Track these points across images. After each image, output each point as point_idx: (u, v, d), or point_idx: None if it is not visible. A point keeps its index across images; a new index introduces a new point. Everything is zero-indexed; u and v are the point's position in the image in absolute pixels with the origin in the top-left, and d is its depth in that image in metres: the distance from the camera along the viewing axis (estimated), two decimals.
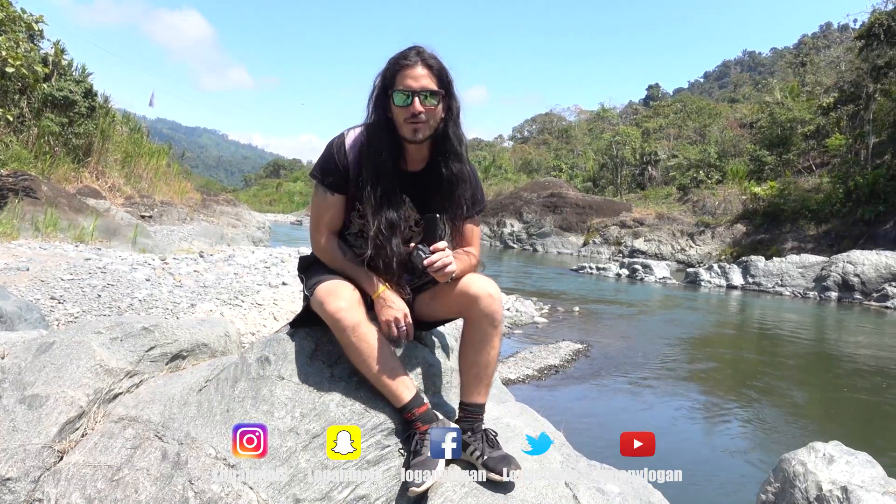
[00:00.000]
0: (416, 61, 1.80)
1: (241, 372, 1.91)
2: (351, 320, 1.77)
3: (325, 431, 1.76)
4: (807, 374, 8.14)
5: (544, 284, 16.59)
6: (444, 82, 1.85)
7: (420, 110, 1.79)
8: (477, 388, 1.94)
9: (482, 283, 1.88)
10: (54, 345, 2.04)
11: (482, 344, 1.91)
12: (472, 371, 1.94)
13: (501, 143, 78.11)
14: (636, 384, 7.02)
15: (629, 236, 30.17)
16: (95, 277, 7.09)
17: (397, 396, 1.83)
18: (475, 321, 1.90)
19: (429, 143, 1.92)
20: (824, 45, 44.03)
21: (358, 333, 1.78)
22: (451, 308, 1.96)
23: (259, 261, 10.26)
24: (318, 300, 1.81)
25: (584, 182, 46.35)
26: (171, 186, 20.15)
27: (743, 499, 4.07)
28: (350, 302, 1.79)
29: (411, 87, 1.79)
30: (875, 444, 5.26)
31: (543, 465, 2.06)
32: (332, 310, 1.77)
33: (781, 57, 73.24)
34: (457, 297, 1.90)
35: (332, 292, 1.81)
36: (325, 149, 1.94)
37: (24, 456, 1.70)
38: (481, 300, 1.85)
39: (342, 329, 1.77)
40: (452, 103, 1.89)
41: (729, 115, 44.33)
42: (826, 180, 25.41)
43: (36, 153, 13.84)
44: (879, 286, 15.69)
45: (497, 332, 1.91)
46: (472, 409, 1.94)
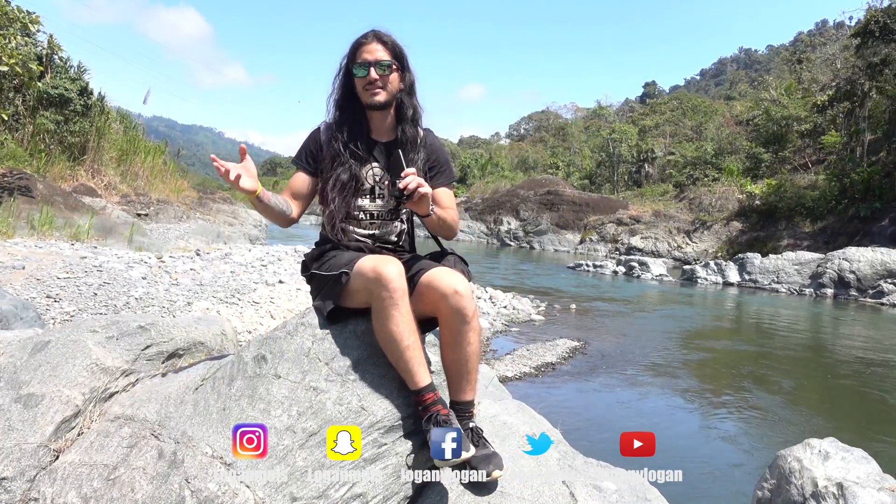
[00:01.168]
0: (371, 39, 2.07)
1: (238, 370, 1.91)
2: (403, 286, 1.81)
3: (321, 430, 1.76)
4: (803, 371, 8.16)
5: (541, 282, 16.60)
6: (398, 56, 2.09)
7: (375, 77, 2.04)
8: (459, 385, 1.95)
9: (449, 279, 1.87)
10: (50, 343, 2.04)
11: (456, 342, 1.90)
12: (453, 369, 1.95)
13: (498, 140, 78.13)
14: (633, 381, 7.04)
15: (626, 234, 30.21)
16: (91, 276, 7.07)
17: (421, 376, 1.83)
18: (446, 319, 1.89)
19: (393, 115, 2.16)
20: (820, 43, 44.05)
21: (406, 301, 1.81)
22: (427, 307, 1.93)
23: (256, 259, 10.25)
24: (370, 267, 1.83)
25: (580, 179, 46.38)
26: (167, 184, 20.08)
27: (739, 495, 4.08)
28: (401, 268, 1.84)
29: (367, 59, 2.04)
30: (871, 440, 5.28)
31: (540, 463, 2.06)
32: (388, 272, 1.79)
33: (777, 54, 73.29)
34: (428, 295, 1.89)
35: (384, 260, 1.86)
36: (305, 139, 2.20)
37: (20, 455, 1.70)
38: (448, 298, 1.84)
39: (394, 290, 1.78)
40: (406, 75, 2.13)
41: (725, 112, 44.37)
42: (822, 177, 25.48)
43: (31, 151, 13.78)
44: (875, 283, 15.75)
45: (470, 327, 1.89)
46: (459, 407, 1.94)
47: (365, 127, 2.14)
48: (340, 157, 2.09)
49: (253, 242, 17.55)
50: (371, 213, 2.14)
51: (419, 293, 1.91)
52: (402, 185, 1.85)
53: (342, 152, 2.09)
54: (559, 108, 75.50)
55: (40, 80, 13.04)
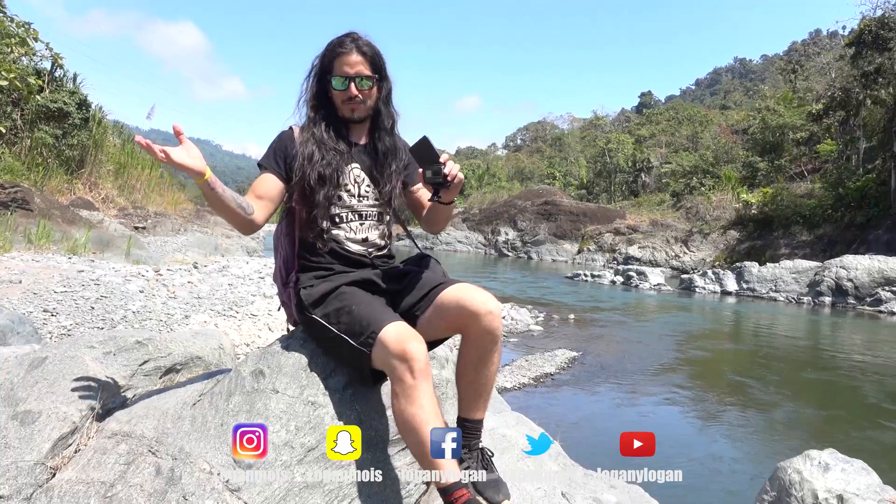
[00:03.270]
0: (351, 48, 1.94)
1: (236, 385, 1.90)
2: (428, 365, 1.64)
3: (320, 445, 1.75)
4: (802, 381, 8.15)
5: (539, 292, 16.59)
6: (378, 66, 1.99)
7: (356, 94, 1.96)
8: (476, 403, 1.88)
9: (482, 299, 1.79)
10: (47, 360, 2.03)
11: (483, 361, 1.83)
12: (472, 388, 1.87)
13: (495, 151, 78.49)
14: (632, 391, 7.02)
15: (623, 243, 30.26)
16: (89, 289, 7.05)
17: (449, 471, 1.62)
18: (476, 338, 1.81)
19: (369, 120, 2.08)
20: (814, 52, 44.37)
21: (427, 385, 1.63)
22: (451, 325, 1.85)
23: (254, 271, 10.22)
24: (394, 341, 1.65)
25: (577, 189, 46.54)
26: (164, 197, 20.09)
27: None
28: (424, 348, 1.67)
29: (347, 73, 1.94)
30: (870, 451, 5.27)
31: (541, 476, 2.05)
32: (414, 351, 1.62)
33: (772, 64, 73.79)
34: (455, 313, 1.81)
35: (410, 334, 1.69)
36: (272, 141, 2.05)
37: (17, 473, 1.68)
38: (482, 317, 1.77)
39: (419, 371, 1.61)
40: (384, 84, 2.04)
41: (721, 121, 44.62)
42: (818, 186, 25.61)
43: (29, 165, 13.78)
44: (873, 291, 15.76)
45: (497, 347, 1.83)
46: (470, 425, 1.87)
47: (342, 128, 2.05)
48: (322, 152, 1.96)
49: (251, 254, 17.52)
50: (360, 213, 2.03)
51: (442, 309, 1.83)
52: (448, 171, 1.75)
53: (323, 148, 1.97)
54: (555, 119, 76.10)
55: (39, 94, 13.07)
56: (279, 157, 1.98)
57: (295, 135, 2.02)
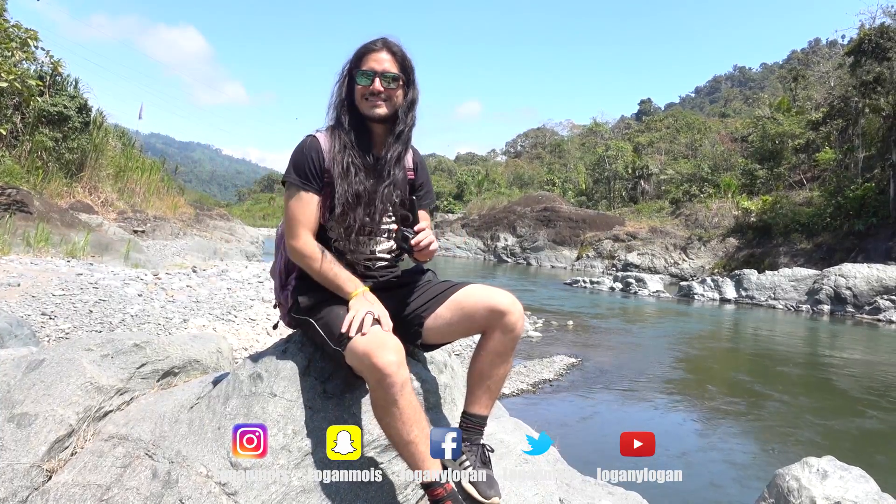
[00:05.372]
0: (381, 47, 1.92)
1: (233, 389, 1.90)
2: (402, 377, 1.61)
3: (317, 448, 1.75)
4: (800, 388, 8.14)
5: (538, 299, 16.58)
6: (406, 69, 1.95)
7: (380, 89, 1.89)
8: (483, 399, 1.92)
9: (509, 299, 1.86)
10: (44, 362, 2.03)
11: (502, 359, 1.89)
12: (485, 384, 1.91)
13: (494, 157, 78.55)
14: (630, 398, 7.01)
15: (622, 250, 30.26)
16: (87, 293, 7.04)
17: (429, 467, 1.67)
18: (500, 336, 1.86)
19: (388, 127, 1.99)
20: (814, 61, 44.53)
21: (405, 393, 1.62)
22: (475, 325, 1.88)
23: (252, 276, 10.22)
24: (362, 352, 1.63)
25: (577, 196, 46.57)
26: (164, 201, 20.09)
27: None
28: (400, 355, 1.63)
29: (374, 68, 1.90)
30: (869, 458, 5.26)
31: (538, 482, 2.05)
32: (383, 364, 1.58)
33: (771, 72, 74.06)
34: (483, 313, 1.85)
35: (379, 343, 1.63)
36: (296, 152, 1.94)
37: (13, 476, 1.68)
38: (507, 316, 1.83)
39: (390, 386, 1.58)
40: (410, 91, 1.97)
41: (720, 129, 44.73)
42: (817, 194, 25.63)
43: (28, 168, 13.79)
44: (871, 299, 15.77)
45: (515, 347, 1.91)
46: (474, 420, 1.91)
47: (368, 139, 1.97)
48: (354, 167, 1.90)
49: (249, 259, 17.53)
50: (387, 232, 2.00)
51: (466, 309, 1.87)
52: (415, 242, 1.83)
53: (356, 163, 1.91)
54: (555, 126, 76.23)
55: (40, 98, 13.10)
56: (314, 174, 1.90)
57: (321, 143, 1.93)
